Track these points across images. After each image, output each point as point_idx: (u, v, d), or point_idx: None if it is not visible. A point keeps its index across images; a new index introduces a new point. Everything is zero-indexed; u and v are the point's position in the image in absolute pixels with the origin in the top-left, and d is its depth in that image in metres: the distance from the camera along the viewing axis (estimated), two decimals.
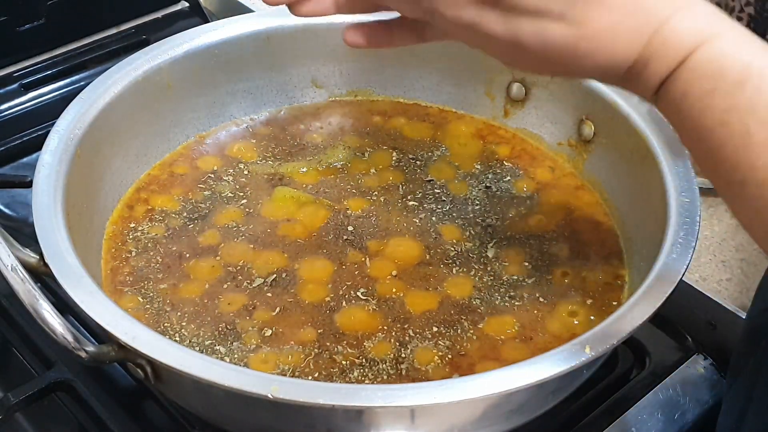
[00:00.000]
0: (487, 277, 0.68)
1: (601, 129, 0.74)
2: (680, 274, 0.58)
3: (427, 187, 0.76)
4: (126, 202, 0.73)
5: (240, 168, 0.77)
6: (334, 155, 0.78)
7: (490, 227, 0.72)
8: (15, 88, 0.94)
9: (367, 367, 0.61)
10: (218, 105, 0.80)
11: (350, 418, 0.54)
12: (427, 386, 0.52)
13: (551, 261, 0.69)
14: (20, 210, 0.81)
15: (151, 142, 0.76)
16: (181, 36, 0.78)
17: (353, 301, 0.66)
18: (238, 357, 0.62)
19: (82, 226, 0.65)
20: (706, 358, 0.72)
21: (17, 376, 0.68)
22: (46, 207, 0.61)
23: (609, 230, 0.72)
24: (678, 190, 0.64)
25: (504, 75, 0.80)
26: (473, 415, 0.57)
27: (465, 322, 0.64)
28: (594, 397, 0.67)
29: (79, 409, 0.65)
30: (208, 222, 0.72)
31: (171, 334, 0.63)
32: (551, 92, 0.78)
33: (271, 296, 0.66)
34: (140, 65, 0.74)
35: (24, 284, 0.54)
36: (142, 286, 0.67)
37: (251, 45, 0.80)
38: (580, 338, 0.54)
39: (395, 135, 0.81)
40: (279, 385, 0.51)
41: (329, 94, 0.84)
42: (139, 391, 0.66)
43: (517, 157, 0.79)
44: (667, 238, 0.61)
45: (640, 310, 0.56)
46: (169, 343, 0.54)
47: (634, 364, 0.70)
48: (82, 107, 0.69)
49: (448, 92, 0.83)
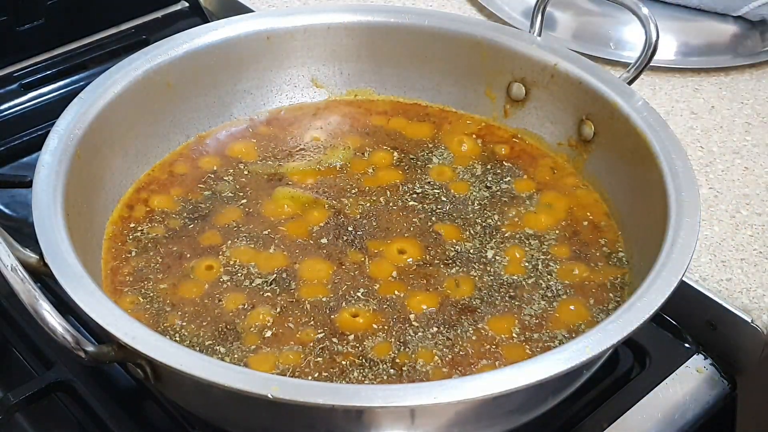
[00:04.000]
0: (487, 277, 0.68)
1: (601, 129, 0.74)
2: (680, 274, 0.58)
3: (427, 187, 0.76)
4: (126, 202, 0.73)
5: (240, 168, 0.77)
6: (334, 155, 0.79)
7: (490, 227, 0.72)
8: (15, 88, 0.94)
9: (367, 367, 0.61)
10: (218, 105, 0.80)
11: (350, 418, 0.54)
12: (427, 386, 0.52)
13: (551, 261, 0.69)
14: (20, 210, 0.81)
15: (151, 142, 0.76)
16: (181, 36, 0.78)
17: (353, 301, 0.66)
18: (238, 357, 0.62)
19: (82, 226, 0.65)
20: (706, 358, 0.72)
21: (17, 376, 0.68)
22: (46, 207, 0.61)
23: (609, 230, 0.72)
24: (678, 190, 0.64)
25: (504, 75, 0.80)
26: (473, 415, 0.57)
27: (465, 322, 0.64)
28: (594, 397, 0.68)
29: (79, 409, 0.66)
30: (208, 222, 0.72)
31: (171, 334, 0.63)
32: (551, 92, 0.78)
33: (271, 296, 0.66)
34: (140, 65, 0.74)
35: (24, 284, 0.53)
36: (142, 286, 0.67)
37: (251, 45, 0.80)
38: (580, 338, 0.54)
39: (395, 135, 0.81)
40: (279, 385, 0.51)
41: (329, 94, 0.84)
42: (139, 391, 0.66)
43: (517, 157, 0.79)
44: (667, 238, 0.61)
45: (640, 310, 0.56)
46: (169, 343, 0.54)
47: (634, 364, 0.70)
48: (82, 107, 0.69)
49: (448, 92, 0.83)
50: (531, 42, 0.78)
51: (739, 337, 0.72)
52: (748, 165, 0.85)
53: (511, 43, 0.79)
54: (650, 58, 0.74)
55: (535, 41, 0.78)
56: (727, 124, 0.90)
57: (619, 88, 0.73)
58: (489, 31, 0.80)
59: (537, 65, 0.78)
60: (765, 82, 0.96)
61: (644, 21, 0.73)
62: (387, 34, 0.81)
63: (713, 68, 0.98)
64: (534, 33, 0.79)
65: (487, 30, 0.80)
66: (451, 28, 0.80)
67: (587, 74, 0.75)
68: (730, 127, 0.90)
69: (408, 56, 0.82)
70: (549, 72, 0.77)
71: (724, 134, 0.89)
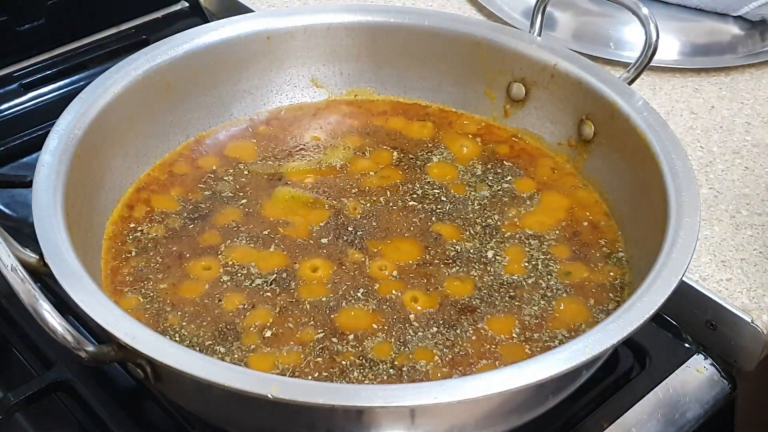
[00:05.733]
0: (487, 277, 0.68)
1: (601, 129, 0.74)
2: (680, 274, 0.58)
3: (427, 187, 0.76)
4: (126, 202, 0.73)
5: (240, 168, 0.77)
6: (334, 155, 0.79)
7: (490, 227, 0.72)
8: (15, 88, 0.94)
9: (367, 367, 0.61)
10: (218, 105, 0.80)
11: (350, 418, 0.54)
12: (427, 386, 0.52)
13: (551, 261, 0.69)
14: (20, 210, 0.81)
15: (151, 142, 0.76)
16: (181, 36, 0.78)
17: (353, 301, 0.66)
18: (238, 357, 0.62)
19: (82, 226, 0.65)
20: (706, 358, 0.72)
21: (17, 376, 0.68)
22: (46, 207, 0.61)
23: (609, 230, 0.72)
24: (678, 190, 0.64)
25: (504, 75, 0.80)
26: (473, 415, 0.57)
27: (465, 322, 0.64)
28: (594, 397, 0.67)
29: (79, 409, 0.66)
30: (208, 222, 0.72)
31: (171, 334, 0.63)
32: (551, 92, 0.78)
33: (271, 296, 0.66)
34: (140, 65, 0.74)
35: (24, 284, 0.53)
36: (142, 286, 0.67)
37: (251, 45, 0.80)
38: (580, 338, 0.54)
39: (395, 135, 0.81)
40: (279, 385, 0.51)
41: (329, 94, 0.84)
42: (139, 391, 0.66)
43: (517, 157, 0.79)
44: (667, 238, 0.61)
45: (640, 310, 0.56)
46: (169, 343, 0.54)
47: (634, 364, 0.70)
48: (82, 107, 0.69)
49: (448, 92, 0.83)
50: (531, 42, 0.78)
51: (739, 337, 0.72)
52: (748, 165, 0.85)
53: (511, 43, 0.79)
54: (650, 58, 0.74)
55: (535, 41, 0.78)
56: (727, 124, 0.90)
57: (619, 88, 0.73)
58: (489, 31, 0.80)
59: (537, 65, 0.78)
60: (765, 82, 0.96)
61: (644, 21, 0.73)
62: (387, 34, 0.82)
63: (713, 68, 0.98)
64: (534, 33, 0.79)
65: (487, 30, 0.80)
66: (451, 28, 0.80)
67: (587, 74, 0.75)
68: (730, 127, 0.90)
69: (408, 56, 0.82)
70: (549, 72, 0.77)
71: (724, 134, 0.89)
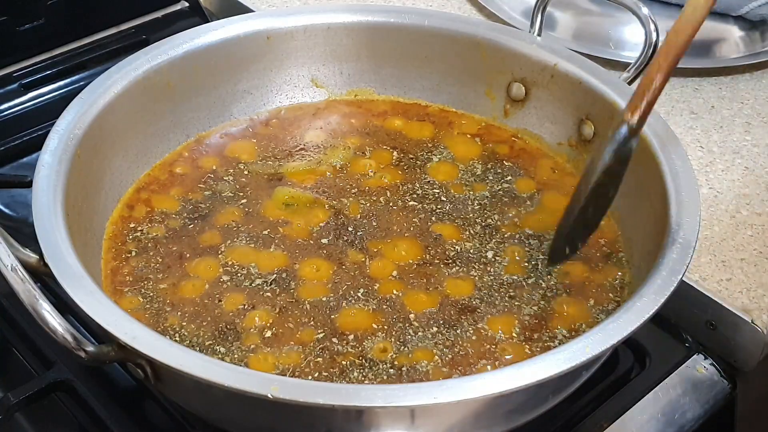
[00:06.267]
0: (487, 277, 0.68)
1: (601, 129, 0.74)
2: (680, 274, 0.58)
3: (427, 187, 0.76)
4: (126, 202, 0.73)
5: (240, 168, 0.77)
6: (334, 155, 0.79)
7: (490, 227, 0.72)
8: (15, 88, 0.94)
9: (367, 367, 0.61)
10: (218, 105, 0.80)
11: (350, 418, 0.54)
12: (427, 386, 0.52)
13: None
14: (20, 210, 0.81)
15: (151, 142, 0.76)
16: (181, 36, 0.78)
17: (353, 301, 0.66)
18: (238, 357, 0.62)
19: (82, 226, 0.65)
20: (706, 358, 0.72)
21: (17, 376, 0.68)
22: (46, 207, 0.61)
23: (609, 230, 0.72)
24: (678, 190, 0.64)
25: (504, 75, 0.80)
26: (473, 415, 0.57)
27: (465, 322, 0.64)
28: (594, 397, 0.68)
29: (79, 409, 0.66)
30: (208, 222, 0.72)
31: (171, 334, 0.63)
32: (551, 92, 0.78)
33: (271, 296, 0.66)
34: (140, 65, 0.74)
35: (24, 284, 0.53)
36: (142, 286, 0.67)
37: (251, 45, 0.80)
38: (579, 338, 0.54)
39: (395, 135, 0.81)
40: (279, 385, 0.51)
41: (329, 94, 0.84)
42: (139, 391, 0.66)
43: (517, 157, 0.79)
44: (667, 238, 0.61)
45: (640, 310, 0.56)
46: (169, 343, 0.54)
47: (634, 364, 0.70)
48: (82, 107, 0.69)
49: (448, 92, 0.83)
50: (531, 42, 0.78)
51: (739, 337, 0.72)
52: (748, 165, 0.85)
53: (511, 43, 0.79)
54: (650, 58, 0.74)
55: (535, 41, 0.78)
56: (727, 124, 0.90)
57: (619, 88, 0.73)
58: (489, 31, 0.80)
59: (537, 65, 0.78)
60: (765, 82, 0.96)
61: (644, 21, 0.73)
62: (387, 34, 0.82)
63: (713, 68, 0.97)
64: (534, 33, 0.79)
65: (487, 30, 0.80)
66: (451, 28, 0.80)
67: (587, 74, 0.75)
68: (730, 127, 0.90)
69: (408, 56, 0.82)
70: (549, 72, 0.77)
71: (724, 134, 0.89)
